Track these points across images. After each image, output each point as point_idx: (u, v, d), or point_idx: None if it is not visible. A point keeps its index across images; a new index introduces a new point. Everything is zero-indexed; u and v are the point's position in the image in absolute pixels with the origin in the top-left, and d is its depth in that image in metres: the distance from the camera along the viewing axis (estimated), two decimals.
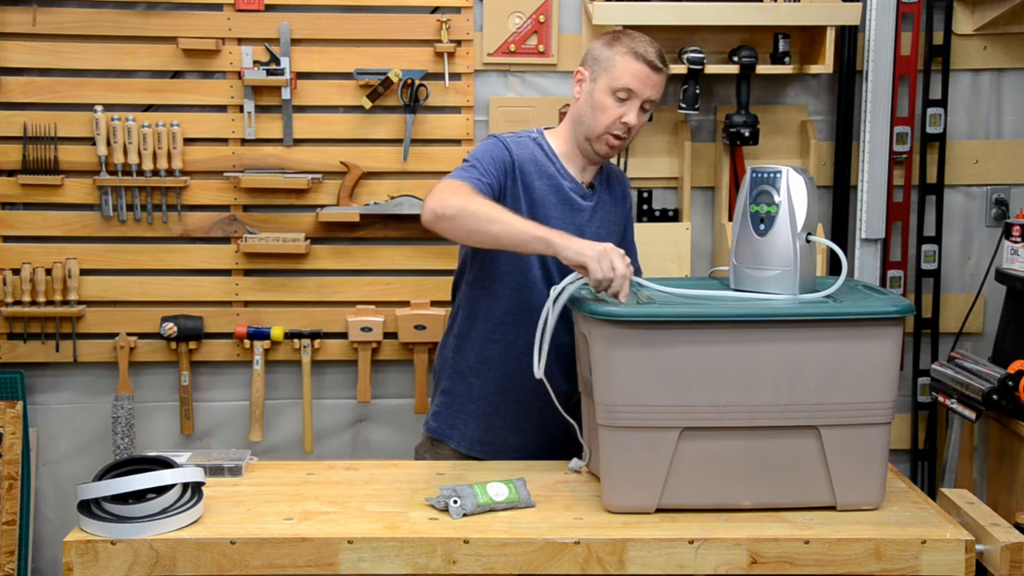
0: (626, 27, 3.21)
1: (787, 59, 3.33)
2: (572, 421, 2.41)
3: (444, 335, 2.72)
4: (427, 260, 3.45)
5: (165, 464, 2.10)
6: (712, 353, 2.07)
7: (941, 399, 3.13)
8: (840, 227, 3.51)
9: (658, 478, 2.10)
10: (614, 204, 2.70)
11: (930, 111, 3.48)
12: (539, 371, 2.22)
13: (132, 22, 3.35)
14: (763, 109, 3.43)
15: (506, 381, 2.60)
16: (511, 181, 2.51)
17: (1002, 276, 3.18)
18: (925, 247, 3.54)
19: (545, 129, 2.65)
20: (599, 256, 2.12)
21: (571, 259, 2.16)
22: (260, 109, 3.40)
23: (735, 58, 3.28)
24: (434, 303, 3.44)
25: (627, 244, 2.77)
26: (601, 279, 2.11)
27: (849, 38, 3.43)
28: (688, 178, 3.43)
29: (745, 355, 2.07)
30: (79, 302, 3.41)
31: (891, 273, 3.52)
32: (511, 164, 2.51)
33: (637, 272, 2.69)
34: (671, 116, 3.46)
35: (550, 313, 2.21)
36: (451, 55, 3.38)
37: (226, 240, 3.45)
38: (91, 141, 3.36)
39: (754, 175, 2.26)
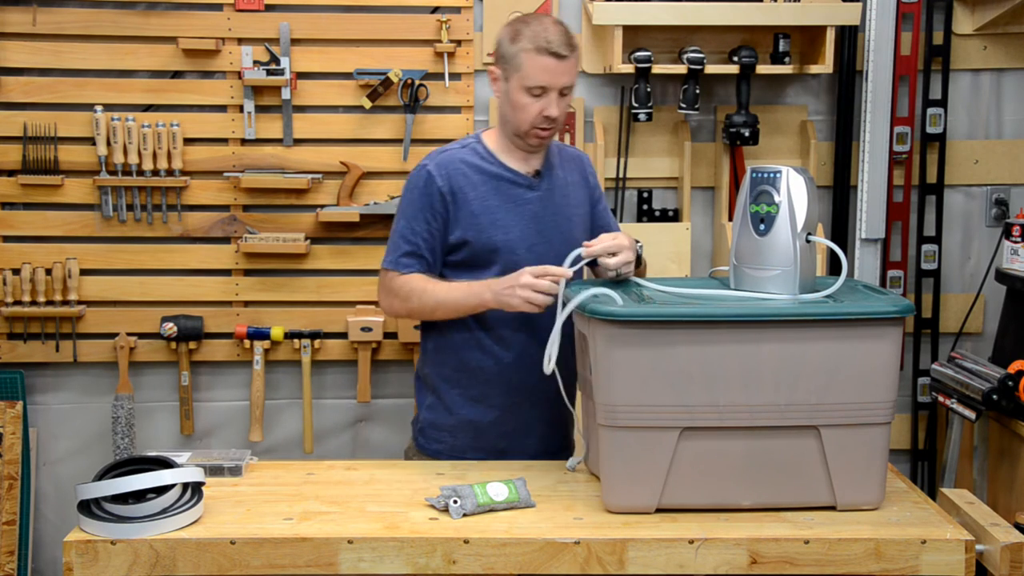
0: (626, 27, 3.22)
1: (787, 59, 3.33)
2: (573, 409, 2.41)
3: (421, 353, 2.67)
4: None
5: (165, 464, 2.10)
6: (712, 353, 2.07)
7: (941, 399, 3.13)
8: (840, 227, 3.51)
9: (658, 478, 2.10)
10: (574, 186, 2.62)
11: (930, 111, 3.48)
12: (549, 366, 2.23)
13: (132, 22, 3.35)
14: (763, 109, 3.43)
15: (489, 388, 2.56)
16: (447, 209, 2.49)
17: (1002, 276, 3.18)
18: (925, 247, 3.54)
19: (483, 132, 2.60)
20: (511, 295, 2.32)
21: (505, 307, 2.36)
22: (260, 109, 3.40)
23: (735, 58, 3.28)
24: None
25: (600, 221, 2.67)
26: (534, 304, 2.30)
27: (849, 38, 3.43)
28: (688, 178, 3.43)
29: (745, 355, 2.07)
30: (79, 302, 3.41)
31: (891, 273, 3.52)
32: (439, 196, 2.48)
33: (638, 262, 2.56)
34: (671, 116, 3.46)
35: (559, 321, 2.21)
36: (451, 55, 3.38)
37: (226, 240, 3.45)
38: (91, 141, 3.36)
39: (754, 175, 2.26)
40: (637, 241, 2.45)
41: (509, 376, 2.54)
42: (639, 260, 2.48)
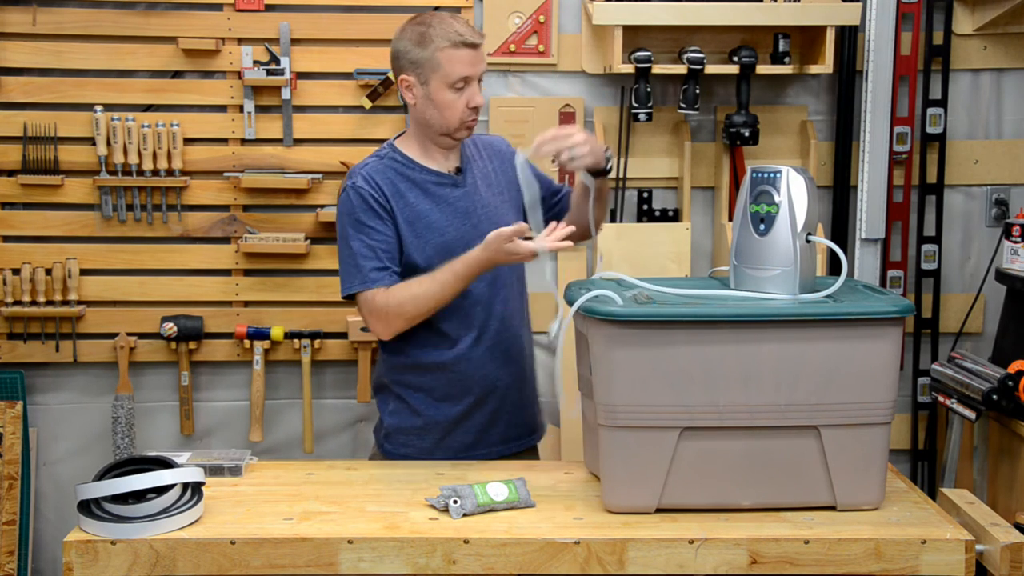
0: (626, 27, 3.22)
1: (787, 59, 3.33)
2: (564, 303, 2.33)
3: (378, 363, 2.65)
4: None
5: (165, 464, 2.10)
6: (712, 353, 2.07)
7: (941, 399, 3.13)
8: (840, 227, 3.51)
9: (658, 478, 2.10)
10: (496, 173, 2.63)
11: (930, 111, 3.48)
12: (562, 404, 2.24)
13: (132, 22, 3.35)
14: (763, 109, 3.43)
15: (451, 385, 2.55)
16: (391, 214, 2.48)
17: (1002, 276, 3.18)
18: (925, 247, 3.54)
19: (395, 140, 2.60)
20: (496, 255, 2.32)
21: (491, 267, 2.37)
22: (260, 109, 3.40)
23: (735, 58, 3.28)
24: None
25: (545, 187, 2.66)
26: (525, 256, 2.31)
27: (849, 38, 3.43)
28: (688, 178, 3.43)
29: (745, 355, 2.07)
30: (79, 302, 3.41)
31: (891, 273, 3.52)
32: (379, 205, 2.47)
33: (606, 172, 2.54)
34: (671, 116, 3.46)
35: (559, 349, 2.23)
36: None
37: (226, 240, 3.45)
38: (91, 141, 3.36)
39: (754, 175, 2.26)
40: (606, 148, 2.48)
41: (469, 369, 2.53)
42: (607, 171, 2.49)
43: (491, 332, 2.54)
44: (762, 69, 3.30)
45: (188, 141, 3.39)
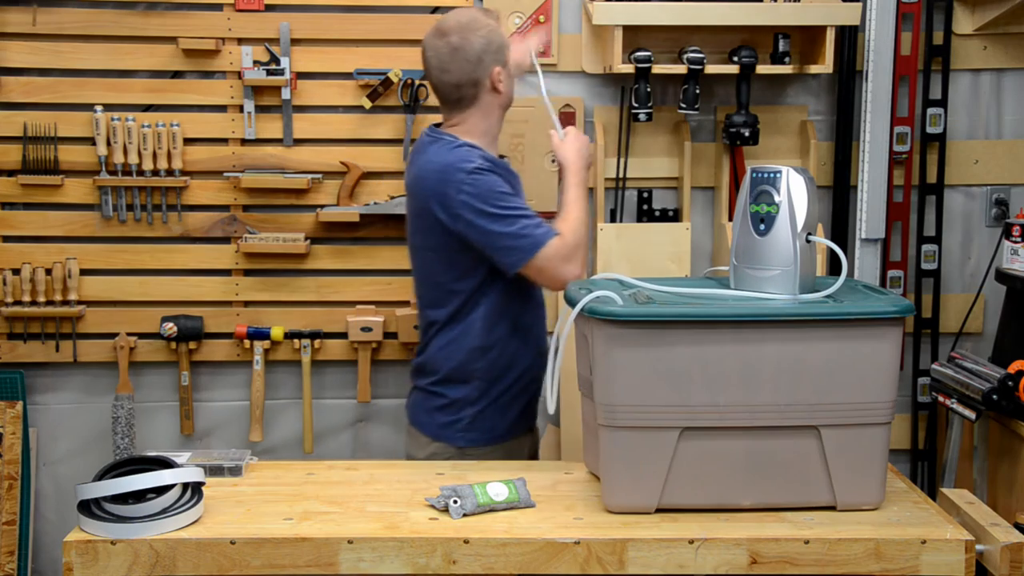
0: (626, 27, 3.22)
1: (787, 59, 3.33)
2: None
3: (440, 351, 2.71)
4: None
5: (165, 464, 2.10)
6: (712, 353, 2.07)
7: (941, 399, 3.13)
8: (840, 227, 3.51)
9: (658, 478, 2.10)
10: None
11: (930, 111, 3.48)
12: (552, 404, 2.27)
13: (132, 22, 3.35)
14: (763, 109, 3.43)
15: (525, 359, 2.72)
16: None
17: (1002, 276, 3.18)
18: (925, 247, 3.54)
19: (454, 134, 2.70)
20: (587, 145, 2.78)
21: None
22: (260, 109, 3.40)
23: (735, 58, 3.28)
24: None
25: None
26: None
27: (849, 38, 3.43)
28: (688, 178, 3.43)
29: (745, 355, 2.07)
30: (79, 302, 3.41)
31: (891, 273, 3.52)
32: (507, 179, 2.66)
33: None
34: (671, 116, 3.46)
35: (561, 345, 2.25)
36: None
37: (226, 240, 3.45)
38: (91, 141, 3.36)
39: (754, 175, 2.26)
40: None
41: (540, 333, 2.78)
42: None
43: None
44: (762, 69, 3.30)
45: (188, 141, 3.39)
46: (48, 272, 3.40)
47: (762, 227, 2.24)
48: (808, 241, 2.23)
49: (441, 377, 2.71)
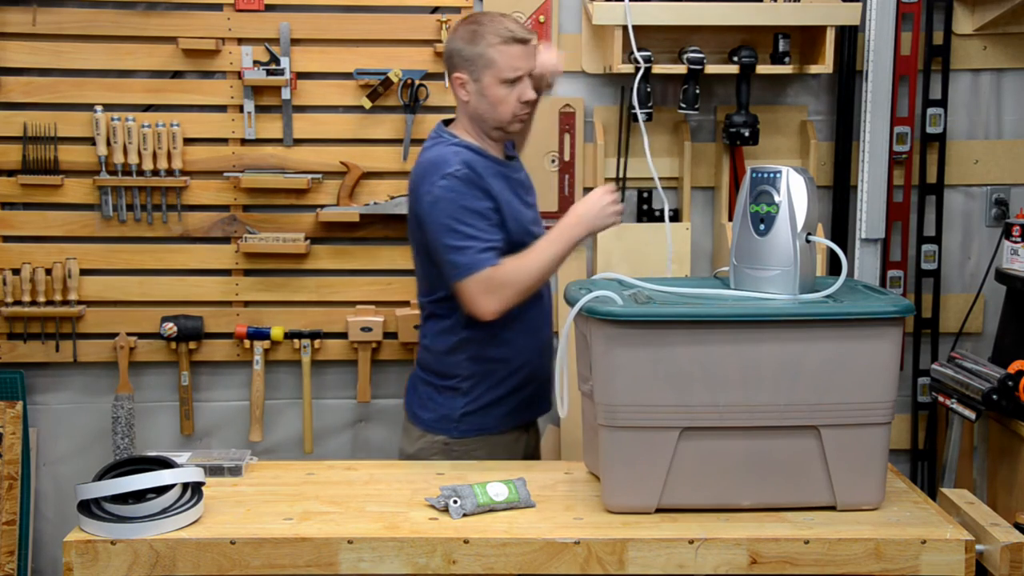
0: (625, 27, 3.21)
1: (787, 59, 3.33)
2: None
3: (435, 337, 2.72)
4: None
5: (165, 464, 2.10)
6: (712, 353, 2.07)
7: (941, 399, 3.13)
8: (840, 227, 3.51)
9: (658, 478, 2.10)
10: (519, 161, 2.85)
11: (930, 111, 3.48)
12: (563, 409, 2.26)
13: (132, 22, 3.35)
14: (763, 109, 3.43)
15: (522, 353, 2.70)
16: (493, 199, 2.59)
17: (1002, 276, 3.18)
18: (925, 247, 3.54)
19: (450, 131, 2.69)
20: (607, 216, 2.57)
21: (597, 231, 2.61)
22: (260, 109, 3.40)
23: (735, 58, 3.28)
24: None
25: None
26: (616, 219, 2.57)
27: (849, 38, 3.43)
28: (688, 178, 3.43)
29: (745, 355, 2.07)
30: (79, 302, 3.41)
31: (891, 273, 3.52)
32: (485, 187, 2.58)
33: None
34: (671, 116, 3.46)
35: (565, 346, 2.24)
36: None
37: (226, 240, 3.45)
38: (91, 141, 3.36)
39: (754, 175, 2.26)
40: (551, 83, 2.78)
41: (537, 325, 2.75)
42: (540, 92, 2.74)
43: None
44: (762, 69, 3.30)
45: (188, 141, 3.39)
46: (48, 272, 3.40)
47: (762, 227, 2.24)
48: (808, 241, 2.23)
49: (432, 367, 2.74)
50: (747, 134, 3.32)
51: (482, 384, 2.68)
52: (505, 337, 2.66)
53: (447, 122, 2.75)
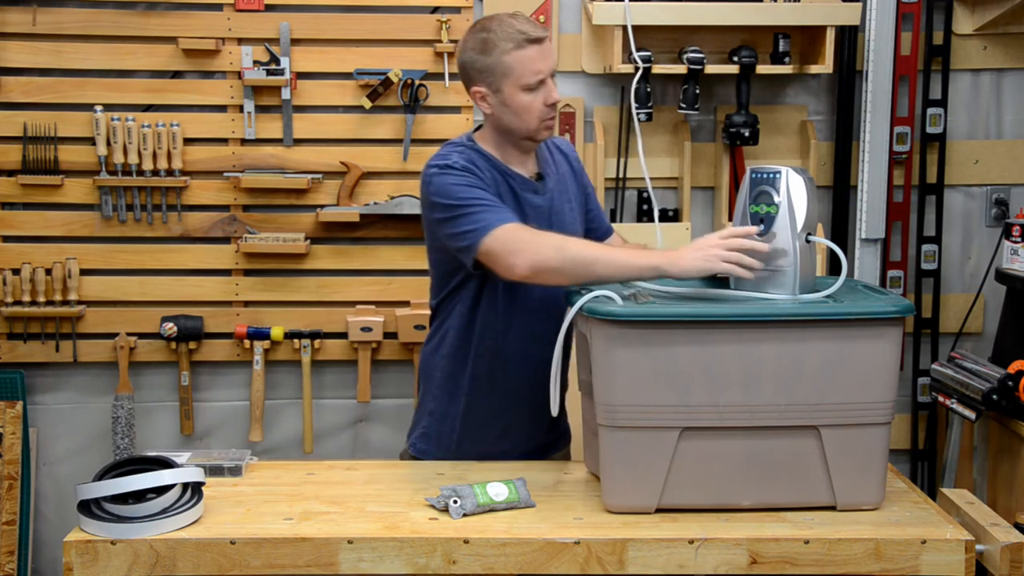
0: (625, 28, 3.21)
1: (787, 59, 3.33)
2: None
3: (428, 353, 2.57)
4: (427, 260, 3.45)
5: (165, 464, 2.10)
6: (712, 353, 2.07)
7: (941, 399, 3.13)
8: (840, 227, 3.51)
9: (658, 478, 2.10)
10: (568, 180, 2.57)
11: (930, 111, 3.48)
12: (555, 409, 2.22)
13: (132, 22, 3.35)
14: (763, 109, 3.43)
15: (494, 395, 2.51)
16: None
17: (1002, 276, 3.18)
18: (925, 247, 3.54)
19: (471, 136, 2.49)
20: (710, 258, 2.18)
21: (691, 275, 2.21)
22: (260, 109, 3.40)
23: (735, 58, 3.28)
24: None
25: (593, 211, 2.65)
26: (730, 269, 2.17)
27: (849, 38, 3.43)
28: (688, 178, 3.43)
29: (745, 355, 2.07)
30: (79, 302, 3.41)
31: (891, 273, 3.52)
32: (489, 181, 2.37)
33: (608, 231, 2.66)
34: (671, 116, 3.46)
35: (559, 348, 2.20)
36: (451, 55, 3.38)
37: (226, 240, 3.45)
38: (91, 141, 3.36)
39: (754, 175, 2.26)
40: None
41: (513, 379, 2.51)
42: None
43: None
44: (762, 69, 3.30)
45: (188, 141, 3.39)
46: (48, 272, 3.40)
47: (762, 227, 2.24)
48: (808, 241, 2.23)
49: (420, 377, 2.64)
50: (747, 134, 3.32)
51: (450, 408, 2.55)
52: (473, 366, 2.51)
53: (476, 130, 2.56)
